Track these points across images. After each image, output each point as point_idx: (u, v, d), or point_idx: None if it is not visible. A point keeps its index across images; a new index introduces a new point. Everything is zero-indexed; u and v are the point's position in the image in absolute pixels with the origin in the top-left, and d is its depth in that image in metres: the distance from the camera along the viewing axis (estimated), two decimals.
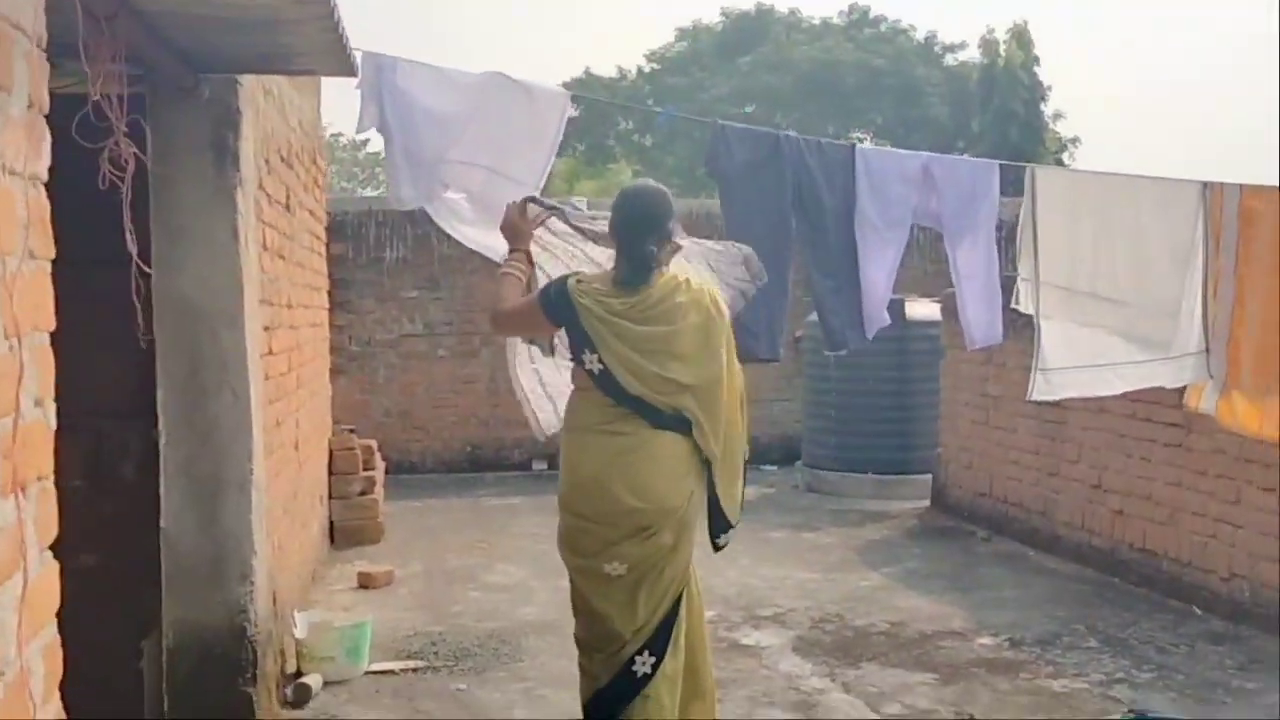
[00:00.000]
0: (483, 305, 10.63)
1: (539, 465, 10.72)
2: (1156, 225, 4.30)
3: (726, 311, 3.55)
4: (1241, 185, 4.38)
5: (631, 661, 3.41)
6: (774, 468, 10.71)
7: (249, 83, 4.20)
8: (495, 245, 4.21)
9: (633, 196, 3.59)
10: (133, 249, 2.72)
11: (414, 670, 4.94)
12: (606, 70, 31.78)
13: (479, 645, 5.29)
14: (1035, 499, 7.29)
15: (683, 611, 3.49)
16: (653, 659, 3.41)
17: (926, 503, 8.64)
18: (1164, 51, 55.79)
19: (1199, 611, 5.73)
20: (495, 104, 4.17)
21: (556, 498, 3.57)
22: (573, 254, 3.86)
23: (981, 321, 4.50)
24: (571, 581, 3.58)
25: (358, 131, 4.16)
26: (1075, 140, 29.24)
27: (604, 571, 3.41)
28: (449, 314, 10.67)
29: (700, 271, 3.71)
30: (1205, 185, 4.41)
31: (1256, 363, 4.24)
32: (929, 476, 8.68)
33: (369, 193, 20.32)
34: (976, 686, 4.73)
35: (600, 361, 3.39)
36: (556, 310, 3.45)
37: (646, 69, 32.67)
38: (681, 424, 3.42)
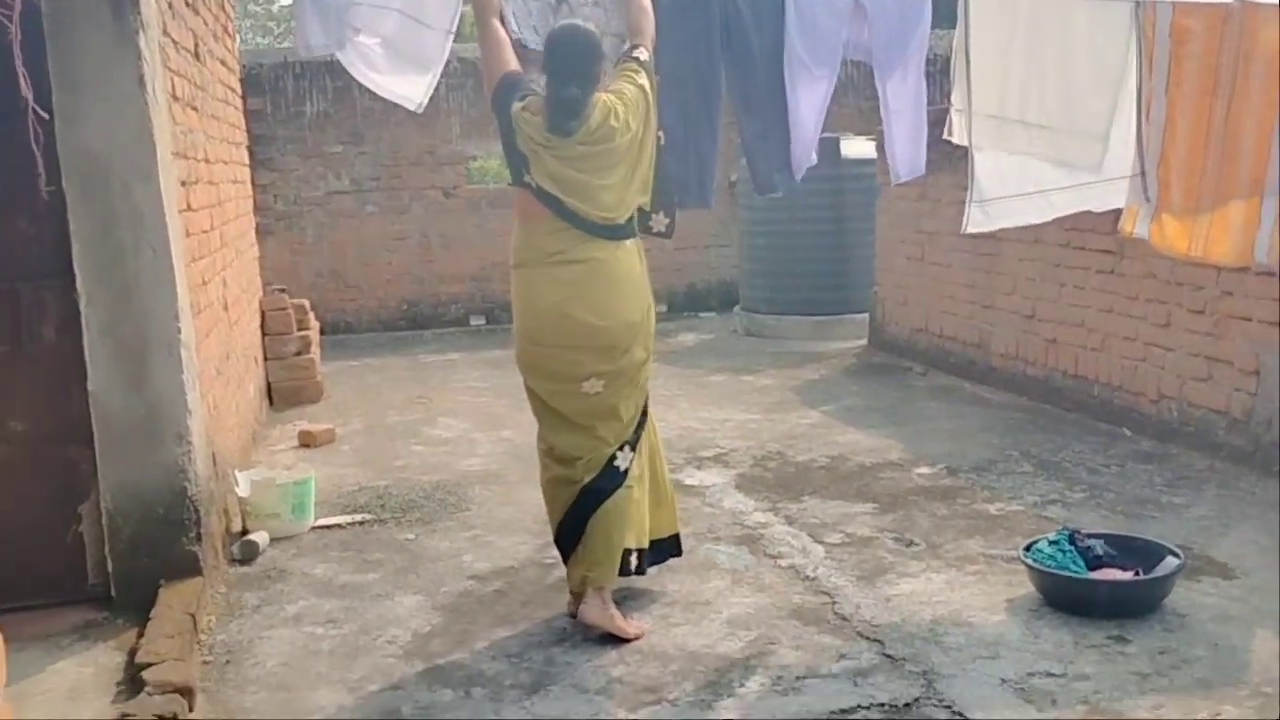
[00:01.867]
0: (410, 159, 10.38)
1: (477, 320, 10.67)
2: (1086, 46, 4.21)
3: (648, 97, 3.62)
4: (1174, 3, 4.30)
5: (613, 458, 3.64)
6: (712, 314, 10.76)
7: None
8: (410, 94, 4.05)
9: (559, 41, 3.54)
10: (27, 94, 2.55)
11: (361, 523, 4.94)
12: None
13: (425, 497, 5.30)
14: (970, 332, 7.39)
15: (650, 409, 3.78)
16: (631, 454, 3.68)
17: (863, 342, 8.73)
18: None
19: (1129, 433, 5.89)
20: None
21: (514, 331, 3.72)
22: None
23: (907, 155, 4.42)
24: (542, 402, 3.71)
25: None
26: None
27: (581, 390, 3.58)
28: (376, 169, 10.40)
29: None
30: (1137, 4, 4.32)
31: (1185, 184, 4.23)
32: (865, 316, 8.74)
33: (285, 45, 19.48)
34: (915, 513, 4.84)
35: (535, 180, 3.50)
36: (506, 138, 3.55)
37: None
38: (632, 229, 3.61)
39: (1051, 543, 3.97)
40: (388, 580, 4.28)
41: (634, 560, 3.77)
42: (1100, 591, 3.74)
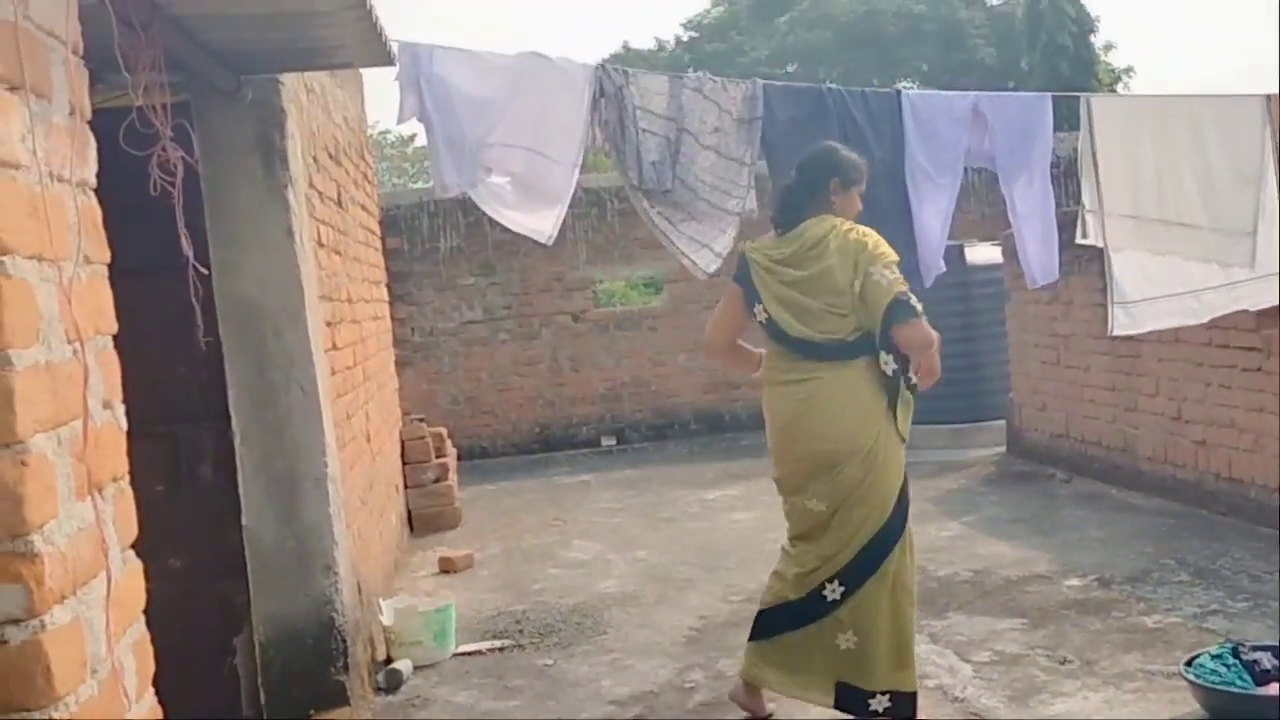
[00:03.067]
0: (539, 286, 10.68)
1: (608, 441, 10.77)
2: (1221, 144, 4.17)
3: (873, 244, 3.70)
4: None
5: (822, 587, 3.70)
6: None
7: (291, 81, 4.23)
8: (539, 227, 4.23)
9: (803, 155, 3.89)
10: (188, 252, 2.75)
11: (500, 649, 4.99)
12: (644, 43, 31.64)
13: (562, 621, 5.33)
14: (1114, 436, 7.16)
15: (894, 555, 3.69)
16: (842, 589, 3.68)
17: (1002, 449, 8.52)
18: None
19: None
20: (530, 84, 4.15)
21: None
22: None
23: (1040, 260, 4.40)
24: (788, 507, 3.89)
25: (399, 122, 4.16)
26: (1129, 70, 28.57)
27: (807, 507, 3.74)
28: (506, 298, 10.72)
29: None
30: (1267, 99, 4.26)
31: None
32: (1002, 422, 8.56)
33: (419, 185, 20.51)
34: (1067, 628, 4.66)
35: (765, 310, 3.76)
36: (741, 278, 3.86)
37: (685, 38, 32.43)
38: (860, 348, 3.68)
39: (1214, 657, 3.77)
40: (528, 707, 4.29)
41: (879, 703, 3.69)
42: (1274, 708, 3.52)
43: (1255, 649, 3.79)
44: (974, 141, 4.44)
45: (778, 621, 3.78)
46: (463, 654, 4.94)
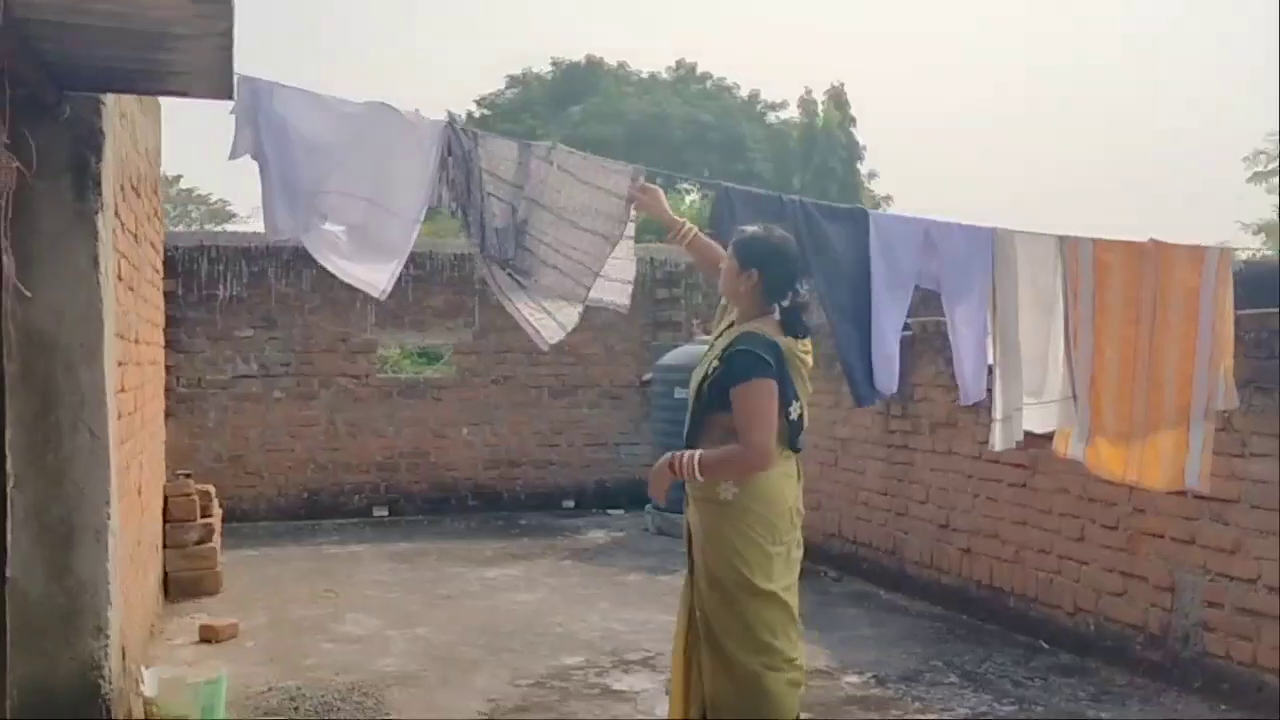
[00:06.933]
0: (323, 345, 10.30)
1: (380, 511, 10.43)
2: (1024, 275, 4.47)
3: None
4: (1095, 240, 4.62)
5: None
6: (620, 511, 10.70)
7: (111, 102, 3.96)
8: (373, 280, 4.06)
9: (779, 246, 3.65)
10: (9, 269, 2.49)
11: None
12: (436, 114, 31.50)
13: (341, 699, 5.04)
14: (884, 539, 7.49)
15: None
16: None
17: None
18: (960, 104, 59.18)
19: (1046, 645, 5.97)
20: (377, 134, 4.02)
21: (752, 534, 3.50)
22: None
23: (974, 377, 4.49)
24: (781, 604, 3.57)
25: (231, 158, 3.93)
26: (889, 199, 30.68)
27: (790, 583, 3.61)
28: (286, 354, 10.29)
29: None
30: (1061, 239, 4.62)
31: (1117, 409, 4.45)
32: None
33: (181, 229, 19.54)
34: None
35: (800, 408, 3.59)
36: (781, 375, 3.50)
37: (478, 114, 32.59)
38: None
39: None
40: None
41: None
42: None
43: None
44: (924, 264, 4.52)
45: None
46: None
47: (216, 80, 3.57)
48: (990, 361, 4.50)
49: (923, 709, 4.99)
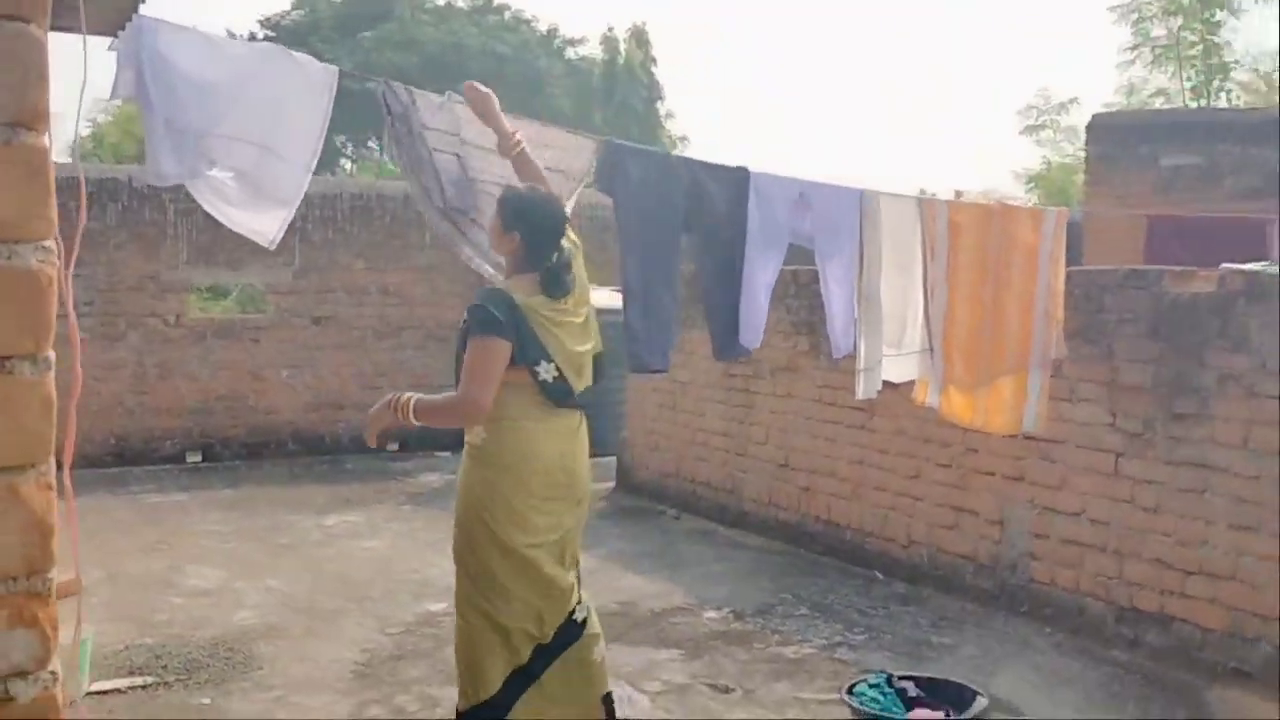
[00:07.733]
0: (129, 284, 9.76)
1: (193, 457, 10.02)
2: (888, 234, 4.73)
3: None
4: (949, 201, 4.93)
5: (573, 611, 3.69)
6: (449, 453, 10.64)
7: None
8: (263, 229, 3.92)
9: (540, 207, 3.61)
10: None
11: (144, 687, 4.52)
12: (217, 33, 29.79)
13: (208, 655, 4.92)
14: (724, 478, 7.79)
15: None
16: (585, 606, 3.77)
17: (612, 484, 8.95)
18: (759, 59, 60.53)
19: (881, 576, 6.39)
20: (267, 77, 3.87)
21: (496, 486, 3.49)
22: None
23: (844, 332, 4.66)
24: (503, 566, 3.51)
25: (111, 98, 3.73)
26: (685, 139, 31.17)
27: (551, 540, 3.58)
28: (89, 293, 9.67)
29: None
30: (920, 200, 4.91)
31: (966, 361, 4.79)
32: (613, 459, 8.99)
33: None
34: (719, 658, 5.02)
35: (556, 369, 3.50)
36: (511, 328, 3.43)
37: (260, 35, 31.02)
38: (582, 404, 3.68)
39: (872, 685, 4.26)
40: None
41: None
42: None
43: (903, 678, 4.33)
44: (798, 223, 4.63)
45: (542, 663, 3.66)
46: (98, 692, 4.42)
47: (107, 14, 3.34)
48: (855, 316, 4.76)
49: (782, 640, 5.29)
